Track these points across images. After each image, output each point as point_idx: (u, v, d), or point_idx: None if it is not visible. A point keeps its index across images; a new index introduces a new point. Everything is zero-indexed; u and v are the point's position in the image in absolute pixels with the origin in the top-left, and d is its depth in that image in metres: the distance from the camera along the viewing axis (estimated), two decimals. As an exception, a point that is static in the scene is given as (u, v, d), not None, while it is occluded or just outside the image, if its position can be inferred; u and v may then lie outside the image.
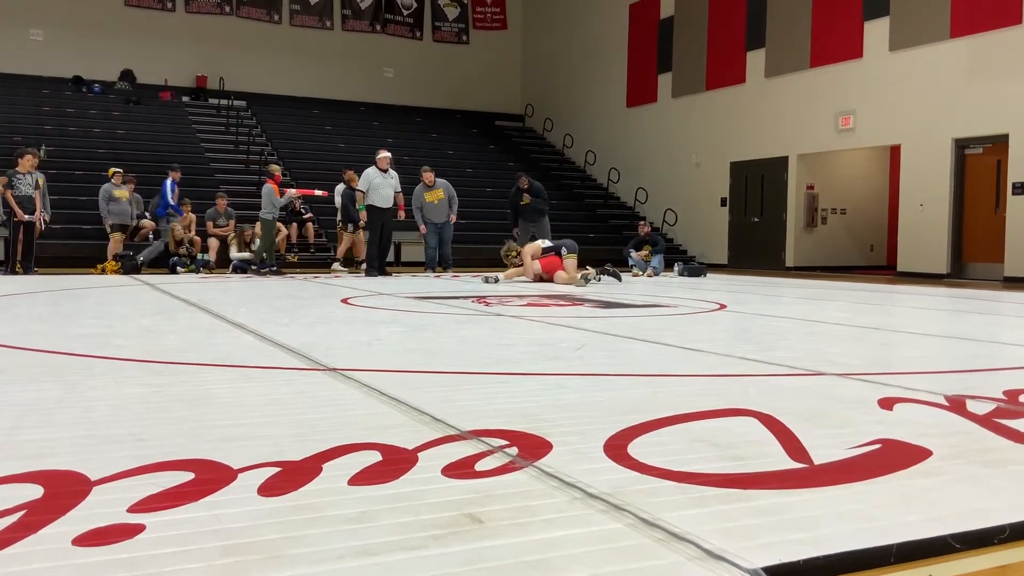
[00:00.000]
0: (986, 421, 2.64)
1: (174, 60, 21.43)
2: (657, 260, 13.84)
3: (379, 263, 12.58)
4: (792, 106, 16.56)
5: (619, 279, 11.47)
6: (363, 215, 12.68)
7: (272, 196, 12.86)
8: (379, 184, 12.45)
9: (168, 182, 14.02)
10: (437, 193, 13.28)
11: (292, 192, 13.79)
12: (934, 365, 4.18)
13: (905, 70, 14.48)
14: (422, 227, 13.38)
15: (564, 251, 10.95)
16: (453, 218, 13.44)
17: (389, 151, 12.86)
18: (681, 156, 19.23)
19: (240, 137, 19.12)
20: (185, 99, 21.29)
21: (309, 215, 15.69)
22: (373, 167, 12.55)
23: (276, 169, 13.18)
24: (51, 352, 4.05)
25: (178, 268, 13.09)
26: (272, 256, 13.07)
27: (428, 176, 13.31)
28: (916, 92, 14.30)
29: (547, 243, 11.31)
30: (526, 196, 13.48)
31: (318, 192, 14.42)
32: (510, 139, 23.79)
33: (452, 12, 24.88)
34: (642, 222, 16.09)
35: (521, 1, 25.44)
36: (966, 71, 13.59)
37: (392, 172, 12.64)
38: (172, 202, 13.90)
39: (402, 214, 12.85)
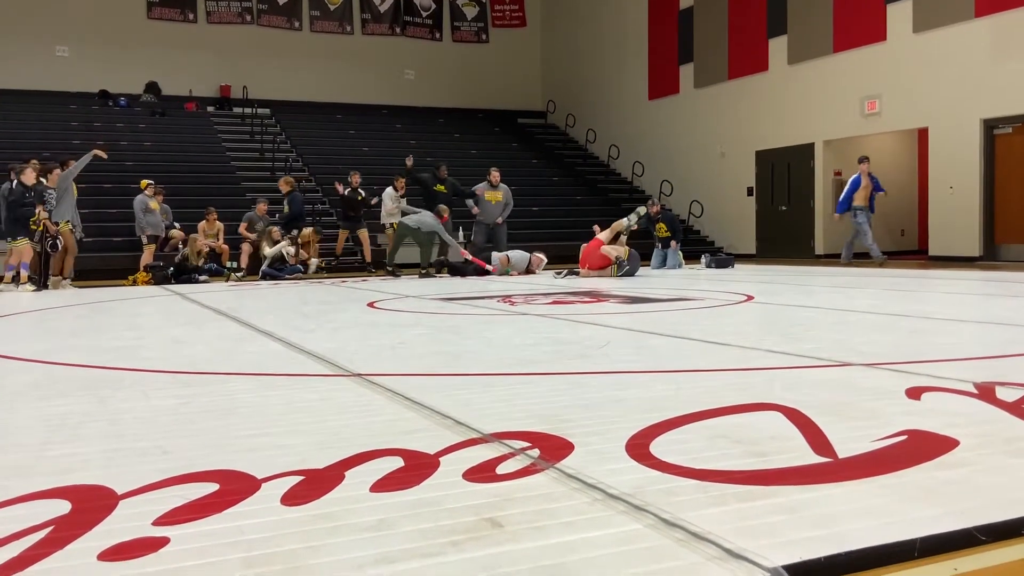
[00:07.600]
0: (1015, 408, 2.59)
1: (198, 71, 21.69)
2: (673, 255, 13.53)
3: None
4: (816, 92, 16.40)
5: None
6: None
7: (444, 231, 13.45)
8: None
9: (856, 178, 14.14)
10: (496, 195, 14.17)
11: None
12: (965, 352, 4.11)
13: (930, 51, 14.28)
14: (475, 209, 14.26)
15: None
16: (500, 220, 14.20)
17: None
18: (705, 147, 19.11)
19: (265, 145, 19.28)
20: (210, 109, 21.53)
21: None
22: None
23: (445, 211, 13.27)
24: (82, 366, 4.11)
25: (198, 277, 13.08)
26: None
27: (495, 176, 14.20)
28: (942, 73, 14.09)
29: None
30: (440, 184, 13.87)
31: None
32: (533, 136, 23.77)
33: (471, 11, 24.91)
34: (650, 201, 14.68)
35: (539, -3, 25.43)
36: (992, 50, 13.37)
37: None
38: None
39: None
